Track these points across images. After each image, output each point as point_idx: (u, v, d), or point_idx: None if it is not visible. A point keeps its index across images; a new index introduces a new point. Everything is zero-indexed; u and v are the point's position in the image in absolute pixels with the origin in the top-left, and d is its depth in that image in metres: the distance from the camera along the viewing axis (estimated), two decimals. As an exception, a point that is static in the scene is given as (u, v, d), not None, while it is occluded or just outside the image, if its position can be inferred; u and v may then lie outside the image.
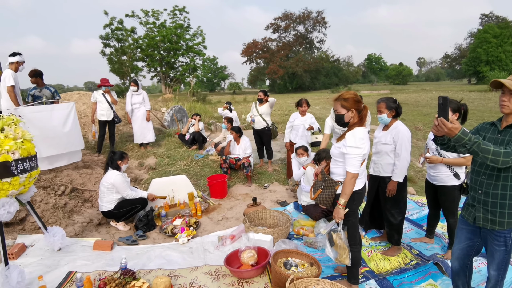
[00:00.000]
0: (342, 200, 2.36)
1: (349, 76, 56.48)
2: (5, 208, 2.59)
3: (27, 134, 2.88)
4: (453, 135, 1.76)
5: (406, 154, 2.99)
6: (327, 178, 2.48)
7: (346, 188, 2.35)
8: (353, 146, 2.32)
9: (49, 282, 2.72)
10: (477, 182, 2.02)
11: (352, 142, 2.32)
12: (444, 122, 1.74)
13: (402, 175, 3.04)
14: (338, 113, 2.42)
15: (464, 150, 1.85)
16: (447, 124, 1.73)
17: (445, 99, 1.77)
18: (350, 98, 2.39)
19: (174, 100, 15.29)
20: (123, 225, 4.16)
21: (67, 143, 4.87)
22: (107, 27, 28.98)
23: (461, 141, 1.76)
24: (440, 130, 1.78)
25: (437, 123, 1.78)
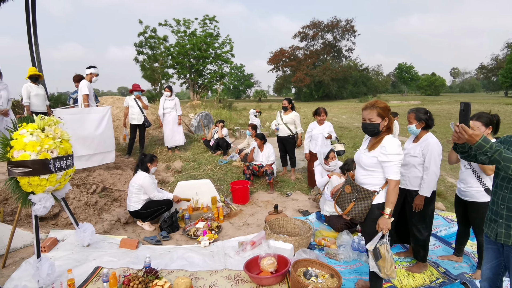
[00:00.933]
0: (388, 210, 2.31)
1: (378, 86, 55.30)
2: (41, 203, 2.77)
3: (65, 134, 3.07)
4: (473, 142, 1.71)
5: (435, 168, 2.90)
6: (362, 189, 2.41)
7: (392, 197, 2.31)
8: (394, 153, 2.29)
9: (77, 276, 2.86)
10: (499, 197, 1.93)
11: (393, 149, 2.29)
12: (465, 128, 1.70)
13: (430, 189, 2.94)
14: (372, 122, 2.35)
15: (485, 158, 1.79)
16: (468, 131, 1.69)
17: (467, 105, 1.73)
18: (385, 106, 2.36)
19: (201, 107, 15.64)
20: (148, 225, 4.29)
21: (99, 144, 5.13)
22: (141, 35, 30.24)
23: (482, 148, 1.70)
24: (461, 137, 1.73)
25: (458, 129, 1.73)
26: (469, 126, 1.70)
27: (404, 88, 67.88)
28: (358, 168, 2.51)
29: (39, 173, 2.72)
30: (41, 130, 2.86)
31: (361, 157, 2.44)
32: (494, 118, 2.84)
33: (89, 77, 5.84)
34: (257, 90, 60.43)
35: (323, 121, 5.41)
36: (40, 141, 2.77)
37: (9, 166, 2.68)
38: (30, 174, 2.68)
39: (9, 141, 2.72)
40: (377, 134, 2.39)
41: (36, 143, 2.73)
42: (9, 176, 2.70)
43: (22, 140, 2.72)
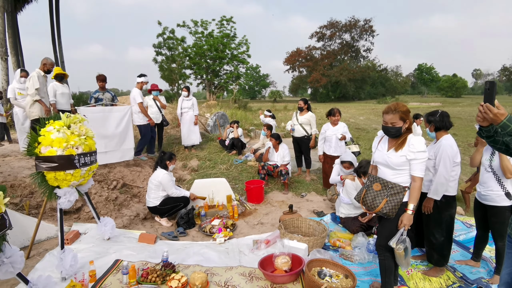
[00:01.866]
0: (411, 206, 2.39)
1: (397, 87, 54.23)
2: (66, 197, 2.91)
3: (90, 131, 3.21)
4: (498, 122, 1.65)
5: (443, 170, 2.85)
6: (393, 185, 2.45)
7: (416, 193, 2.39)
8: (421, 151, 2.36)
9: (98, 267, 2.98)
10: None
11: (420, 147, 2.36)
12: (489, 107, 1.64)
13: (439, 193, 2.90)
14: (395, 126, 2.40)
15: (510, 139, 1.69)
16: (493, 110, 1.63)
17: (492, 84, 1.68)
18: (407, 109, 2.41)
19: (217, 107, 15.80)
20: (166, 221, 4.41)
21: (118, 142, 5.30)
22: (160, 36, 30.78)
23: (507, 128, 1.64)
24: (486, 117, 1.68)
25: (482, 109, 1.67)
26: (494, 105, 1.64)
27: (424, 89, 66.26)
28: (384, 168, 2.54)
29: (64, 168, 2.86)
30: (67, 128, 3.00)
31: (389, 158, 2.47)
32: None
33: (140, 85, 6.42)
34: (272, 91, 60.43)
35: (337, 122, 5.38)
36: (66, 138, 2.90)
37: (37, 161, 2.82)
38: (56, 169, 2.82)
39: (37, 137, 2.87)
40: (399, 136, 2.44)
41: (62, 139, 2.87)
42: (36, 170, 2.85)
43: (49, 137, 2.86)
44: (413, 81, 67.48)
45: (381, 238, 2.57)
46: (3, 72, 10.92)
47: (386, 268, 2.59)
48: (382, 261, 2.61)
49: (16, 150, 6.16)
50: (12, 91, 6.33)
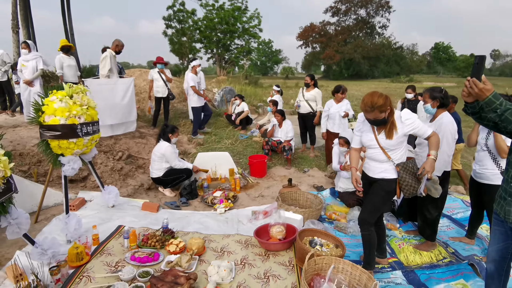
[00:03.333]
0: (434, 152, 2.53)
1: (412, 66, 52.50)
2: (70, 164, 3.03)
3: (92, 102, 3.28)
4: (484, 97, 1.62)
5: (446, 148, 2.85)
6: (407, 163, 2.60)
7: (437, 144, 2.55)
8: (411, 120, 2.48)
9: (101, 232, 3.14)
10: (510, 175, 1.87)
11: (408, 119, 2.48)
12: (475, 82, 1.61)
13: (441, 169, 2.91)
14: (377, 119, 2.44)
15: (494, 116, 1.66)
16: (479, 84, 1.60)
17: (481, 58, 1.64)
18: (384, 102, 2.38)
19: (227, 82, 15.71)
20: (169, 191, 4.55)
21: (124, 114, 5.42)
22: (170, 8, 30.26)
23: (492, 105, 1.61)
24: (471, 91, 1.65)
25: (468, 84, 1.65)
26: (481, 80, 1.61)
27: (440, 69, 64.07)
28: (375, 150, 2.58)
29: (67, 137, 2.96)
30: (70, 97, 3.07)
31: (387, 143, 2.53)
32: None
33: (194, 70, 6.75)
34: (284, 67, 59.37)
35: (342, 99, 5.33)
36: (69, 107, 2.98)
37: (41, 130, 2.93)
38: (59, 138, 2.92)
39: (41, 107, 2.96)
40: (386, 123, 2.50)
41: (65, 109, 2.95)
42: (40, 138, 2.96)
43: (53, 106, 2.94)
44: (429, 60, 65.14)
45: (366, 213, 2.65)
46: (14, 44, 11.01)
47: (370, 243, 2.68)
48: (366, 236, 2.69)
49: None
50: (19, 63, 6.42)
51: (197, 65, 6.93)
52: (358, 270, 2.35)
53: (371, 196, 2.64)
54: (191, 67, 6.89)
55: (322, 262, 2.43)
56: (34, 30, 13.50)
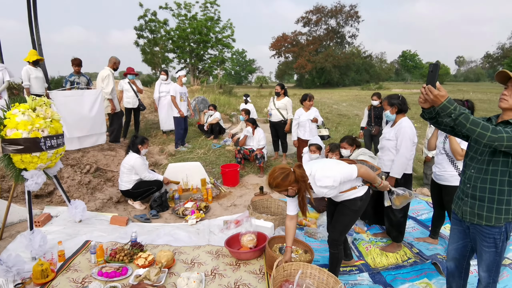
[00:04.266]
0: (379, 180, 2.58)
1: (381, 73, 54.76)
2: (33, 179, 2.93)
3: (56, 114, 3.20)
4: (438, 103, 1.71)
5: (405, 151, 3.02)
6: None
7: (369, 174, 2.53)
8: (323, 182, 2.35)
9: (68, 248, 3.05)
10: (466, 176, 1.99)
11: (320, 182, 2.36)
12: (430, 89, 1.70)
13: (400, 172, 3.07)
14: (288, 195, 2.44)
15: (450, 120, 1.75)
16: (433, 91, 1.69)
17: (435, 66, 1.73)
18: (280, 183, 2.34)
19: (201, 92, 15.68)
20: (139, 204, 4.48)
21: (93, 126, 5.29)
22: (141, 18, 29.87)
23: (446, 110, 1.70)
24: (427, 98, 1.74)
25: (424, 91, 1.74)
26: (436, 87, 1.69)
27: (408, 76, 67.22)
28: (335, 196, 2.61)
29: (30, 151, 2.87)
30: (33, 110, 2.99)
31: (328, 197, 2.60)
32: (467, 103, 2.99)
33: (180, 80, 6.79)
34: (258, 76, 60.05)
35: (310, 107, 5.50)
36: (31, 121, 2.91)
37: (3, 144, 2.83)
38: (22, 152, 2.84)
39: (3, 120, 2.86)
40: (296, 195, 2.45)
41: (27, 122, 2.87)
42: (2, 153, 2.86)
43: (15, 119, 2.85)
44: (397, 68, 68.26)
45: (336, 233, 2.63)
46: (-26, 54, 10.54)
47: (337, 260, 2.70)
48: (335, 254, 2.68)
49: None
50: None
51: (182, 76, 6.87)
52: (325, 274, 2.43)
53: (339, 216, 2.62)
54: (177, 78, 6.82)
55: (291, 268, 2.49)
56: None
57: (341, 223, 2.62)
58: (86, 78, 6.05)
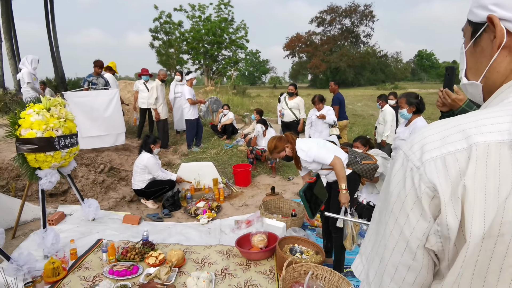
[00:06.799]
0: (343, 185, 2.60)
1: (396, 73, 53.73)
2: (47, 178, 2.98)
3: (70, 114, 3.26)
4: (457, 107, 1.66)
5: None
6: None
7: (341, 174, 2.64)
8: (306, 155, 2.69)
9: (80, 246, 3.08)
10: None
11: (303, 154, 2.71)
12: (448, 92, 1.66)
13: None
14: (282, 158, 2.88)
15: None
16: (451, 95, 1.65)
17: (452, 69, 1.68)
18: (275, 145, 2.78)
19: (214, 92, 15.75)
20: (152, 203, 4.50)
21: (109, 126, 5.34)
22: (156, 20, 30.33)
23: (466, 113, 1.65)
24: (445, 102, 1.70)
25: (442, 94, 1.70)
26: (453, 91, 1.65)
27: (424, 75, 65.71)
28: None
29: (44, 150, 2.92)
30: (47, 110, 3.05)
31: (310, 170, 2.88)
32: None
33: (190, 82, 6.80)
34: (272, 77, 59.95)
35: (322, 107, 5.41)
36: (46, 120, 2.96)
37: (17, 143, 2.88)
38: (36, 151, 2.88)
39: (17, 120, 2.92)
40: (292, 158, 2.85)
41: (41, 122, 2.92)
42: (17, 152, 2.91)
43: (29, 119, 2.91)
44: (413, 67, 66.77)
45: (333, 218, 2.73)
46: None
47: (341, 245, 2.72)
48: (337, 238, 2.78)
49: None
50: (29, 76, 5.86)
51: (193, 78, 6.97)
52: (337, 276, 2.37)
53: (334, 199, 2.76)
54: (187, 80, 6.89)
55: (301, 270, 2.43)
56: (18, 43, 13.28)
57: (336, 205, 2.72)
58: (104, 80, 6.15)
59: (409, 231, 0.53)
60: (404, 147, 0.58)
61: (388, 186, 0.58)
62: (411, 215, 0.53)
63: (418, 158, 0.54)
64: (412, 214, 0.53)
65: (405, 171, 0.55)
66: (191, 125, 6.82)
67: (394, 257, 0.56)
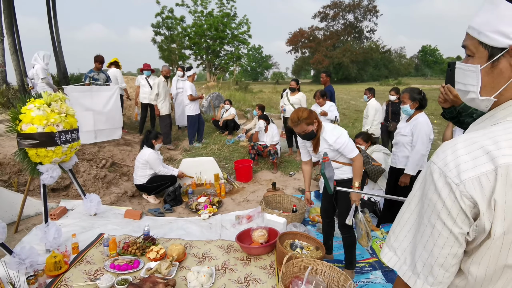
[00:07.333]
0: (356, 183, 2.55)
1: (400, 69, 53.40)
2: (48, 173, 2.99)
3: (71, 109, 3.26)
4: (459, 103, 1.66)
5: (421, 147, 2.91)
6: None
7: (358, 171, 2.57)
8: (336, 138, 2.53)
9: (82, 241, 3.10)
10: None
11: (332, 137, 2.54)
12: (450, 88, 1.65)
13: (415, 168, 2.97)
14: (307, 132, 2.54)
15: (471, 120, 1.70)
16: (453, 91, 1.64)
17: (454, 64, 1.61)
18: (308, 115, 2.50)
19: (216, 88, 15.73)
20: (153, 198, 4.52)
21: (107, 121, 5.37)
22: (158, 15, 30.23)
23: (468, 110, 1.64)
24: (447, 98, 1.69)
25: (443, 90, 1.68)
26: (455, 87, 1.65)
27: (428, 71, 65.20)
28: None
29: (45, 145, 2.93)
30: (48, 105, 3.05)
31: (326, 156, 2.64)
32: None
33: (191, 78, 6.86)
34: (275, 72, 59.71)
35: (324, 102, 5.39)
36: (46, 116, 2.96)
37: (18, 138, 2.90)
38: (37, 146, 2.89)
39: (18, 115, 2.93)
40: (314, 137, 2.60)
41: (42, 117, 2.93)
42: (18, 147, 2.93)
43: (30, 114, 2.91)
44: (416, 63, 66.27)
45: (343, 217, 2.71)
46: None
47: (351, 243, 2.76)
48: (347, 238, 2.77)
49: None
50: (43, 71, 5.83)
51: (194, 74, 7.00)
52: (336, 271, 2.37)
53: (341, 200, 2.71)
54: (188, 76, 6.91)
55: (301, 265, 2.44)
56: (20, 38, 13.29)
57: (344, 206, 2.70)
58: (105, 75, 6.16)
59: (458, 230, 0.71)
60: (438, 162, 0.72)
61: (431, 195, 0.73)
62: (458, 220, 0.70)
63: (456, 175, 0.69)
64: (458, 219, 0.70)
65: (444, 184, 0.70)
66: (193, 121, 6.83)
67: (445, 250, 0.73)
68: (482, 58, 0.77)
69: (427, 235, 0.74)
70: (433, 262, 0.74)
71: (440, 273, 0.74)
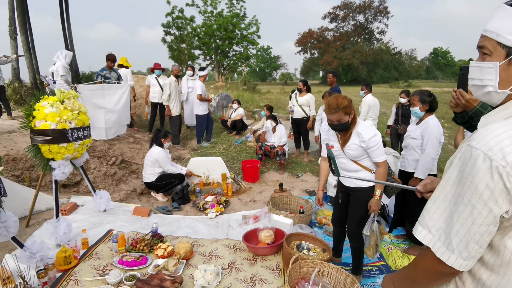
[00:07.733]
0: (378, 191, 2.45)
1: (410, 71, 52.76)
2: (60, 169, 3.05)
3: (83, 107, 3.31)
4: (471, 108, 1.62)
5: (431, 151, 2.88)
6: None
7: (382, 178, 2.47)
8: (372, 137, 2.37)
9: (91, 236, 3.15)
10: None
11: (369, 134, 2.37)
12: (462, 93, 1.61)
13: (425, 172, 2.93)
14: (341, 122, 2.37)
15: None
16: (465, 95, 1.60)
17: (467, 69, 1.61)
18: (348, 104, 2.36)
19: (225, 88, 15.79)
20: (161, 196, 4.57)
21: (117, 118, 5.47)
22: (168, 15, 30.48)
23: (480, 115, 1.59)
24: (458, 102, 1.65)
25: (455, 95, 1.65)
26: (468, 91, 1.60)
27: (439, 74, 64.34)
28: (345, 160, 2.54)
29: (58, 142, 2.98)
30: (61, 103, 3.11)
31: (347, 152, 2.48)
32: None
33: (203, 78, 6.94)
34: (283, 73, 59.66)
35: None
36: (59, 113, 3.02)
37: (32, 134, 2.96)
38: (50, 142, 2.95)
39: (32, 112, 2.99)
40: (347, 129, 2.45)
41: (55, 114, 2.99)
42: (31, 143, 2.99)
43: (43, 111, 2.97)
44: (427, 65, 65.44)
45: (353, 226, 2.66)
46: (12, 50, 11.11)
47: (359, 253, 2.71)
48: (355, 248, 2.72)
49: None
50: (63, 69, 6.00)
51: (206, 75, 7.09)
52: (343, 274, 2.36)
53: (354, 209, 2.64)
54: (200, 76, 6.97)
55: (307, 266, 2.44)
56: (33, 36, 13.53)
57: (356, 216, 2.64)
58: (117, 73, 6.25)
59: (498, 209, 0.79)
60: (481, 147, 0.80)
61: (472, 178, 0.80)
62: (499, 199, 0.78)
63: (502, 158, 0.77)
64: (500, 198, 0.78)
65: (489, 167, 0.78)
66: (201, 120, 6.88)
67: (482, 228, 0.81)
68: (500, 56, 0.88)
69: (466, 214, 0.82)
70: (470, 238, 0.83)
71: (475, 248, 0.83)
